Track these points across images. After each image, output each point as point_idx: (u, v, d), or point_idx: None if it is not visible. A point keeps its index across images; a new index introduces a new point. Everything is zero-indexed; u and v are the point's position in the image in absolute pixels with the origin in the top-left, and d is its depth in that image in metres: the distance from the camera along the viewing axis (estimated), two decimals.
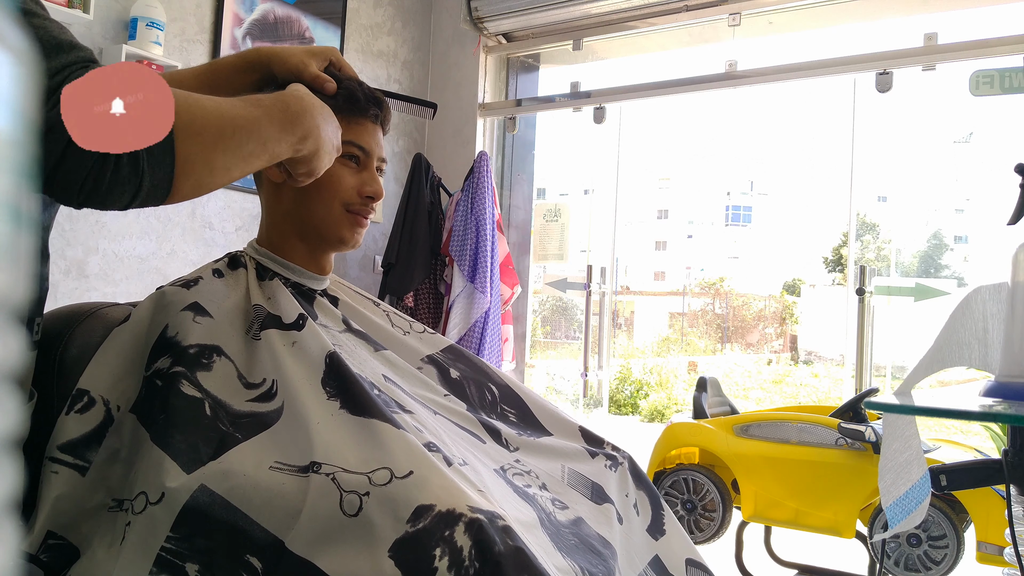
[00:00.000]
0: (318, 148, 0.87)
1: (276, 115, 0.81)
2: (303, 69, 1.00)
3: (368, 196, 1.03)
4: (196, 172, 0.71)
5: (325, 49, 1.05)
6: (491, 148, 3.59)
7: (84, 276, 2.44)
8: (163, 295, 0.95)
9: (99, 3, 2.41)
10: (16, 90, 0.22)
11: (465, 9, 3.45)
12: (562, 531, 0.91)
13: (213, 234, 2.79)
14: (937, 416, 0.96)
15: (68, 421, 0.87)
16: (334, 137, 0.91)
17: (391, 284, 3.12)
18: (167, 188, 0.70)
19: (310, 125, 0.85)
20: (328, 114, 0.90)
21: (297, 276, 1.05)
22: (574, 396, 8.36)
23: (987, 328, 1.05)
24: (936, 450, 2.55)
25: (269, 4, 2.95)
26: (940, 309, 3.37)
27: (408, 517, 0.75)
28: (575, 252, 3.71)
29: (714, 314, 18.92)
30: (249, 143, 0.77)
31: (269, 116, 0.80)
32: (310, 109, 0.86)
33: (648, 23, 3.22)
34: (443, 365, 1.12)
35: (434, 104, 1.26)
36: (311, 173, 0.90)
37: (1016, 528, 0.99)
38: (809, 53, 2.88)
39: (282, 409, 0.87)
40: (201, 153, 0.71)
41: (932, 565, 2.44)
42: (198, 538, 0.78)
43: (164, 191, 0.70)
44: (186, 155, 0.70)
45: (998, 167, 26.08)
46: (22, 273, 0.22)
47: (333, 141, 0.91)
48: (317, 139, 0.86)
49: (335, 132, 0.91)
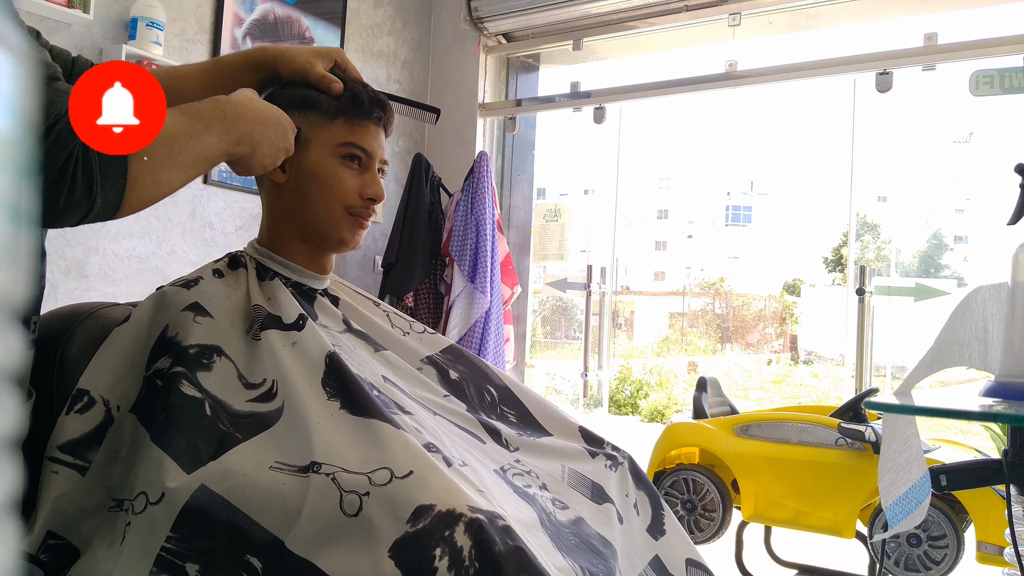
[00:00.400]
0: (254, 150, 0.90)
1: (214, 124, 0.84)
2: (309, 70, 1.01)
3: (369, 198, 1.03)
4: (144, 189, 0.74)
5: (331, 50, 1.06)
6: (491, 148, 3.59)
7: (84, 276, 2.44)
8: (163, 295, 0.95)
9: (99, 3, 2.41)
10: (16, 90, 0.22)
11: (465, 9, 3.45)
12: (562, 531, 0.91)
13: (213, 234, 2.79)
14: (937, 416, 0.96)
15: (68, 421, 0.87)
16: (280, 140, 0.93)
17: (391, 284, 3.12)
18: (116, 207, 0.73)
19: (243, 131, 0.87)
20: (270, 117, 0.91)
21: (298, 276, 1.05)
22: (574, 396, 8.36)
23: (987, 328, 1.05)
24: (936, 450, 2.55)
25: (269, 4, 2.95)
26: (940, 309, 3.37)
27: (408, 517, 0.75)
28: (575, 252, 3.71)
29: (714, 314, 18.92)
30: (190, 155, 0.80)
31: (208, 127, 0.83)
32: (244, 115, 0.88)
33: (648, 23, 3.22)
34: (442, 366, 1.12)
35: (437, 110, 1.26)
36: (249, 171, 0.93)
37: (1016, 528, 0.99)
38: (809, 53, 2.88)
39: (282, 409, 0.87)
40: (149, 172, 0.74)
41: (932, 565, 2.44)
42: (198, 538, 0.78)
43: (113, 210, 0.73)
44: (136, 175, 0.73)
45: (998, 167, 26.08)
46: (22, 273, 0.22)
47: (278, 143, 0.93)
48: (252, 143, 0.89)
49: (283, 134, 0.93)
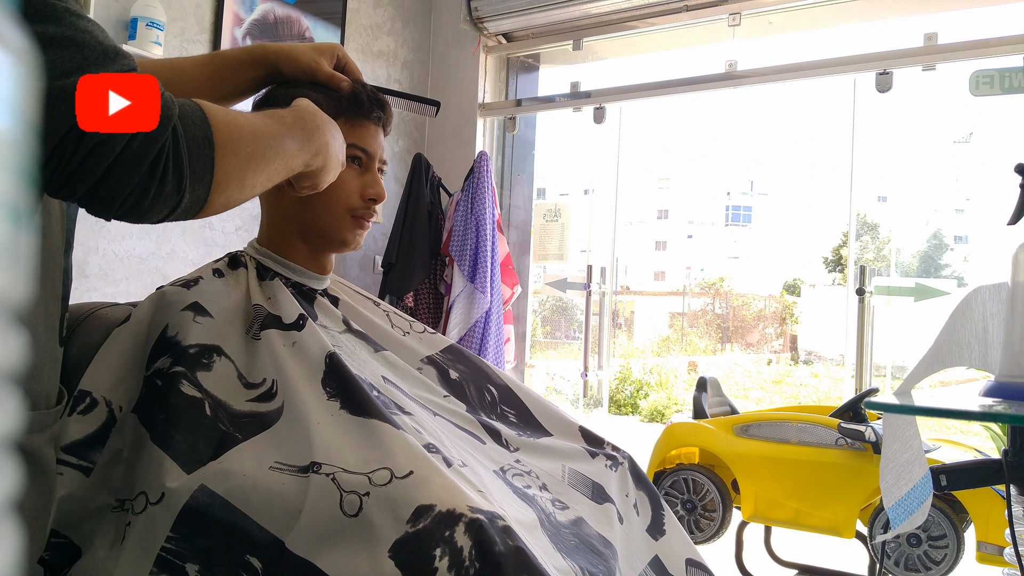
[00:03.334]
0: (326, 163, 0.88)
1: (296, 132, 0.82)
2: (316, 68, 1.00)
3: (371, 199, 1.03)
4: (230, 189, 0.72)
5: (332, 46, 1.04)
6: (491, 148, 3.59)
7: (84, 276, 2.44)
8: (163, 295, 0.95)
9: (99, 3, 2.41)
10: (16, 90, 0.22)
11: (465, 9, 3.45)
12: (562, 531, 0.91)
13: (213, 234, 2.80)
14: (937, 416, 0.96)
15: (71, 422, 0.87)
16: (340, 153, 0.91)
17: (391, 284, 3.12)
18: (202, 204, 0.70)
19: (321, 142, 0.86)
20: (336, 130, 0.90)
21: (298, 276, 1.05)
22: (574, 396, 8.36)
23: (987, 328, 1.05)
24: (936, 450, 2.55)
25: (269, 4, 2.95)
26: (940, 309, 3.37)
27: (408, 517, 0.75)
28: (575, 252, 3.71)
29: (714, 314, 18.92)
30: (275, 161, 0.78)
31: (291, 133, 0.81)
32: (322, 125, 0.86)
33: (648, 23, 3.22)
34: (442, 366, 1.11)
35: (437, 102, 1.24)
36: (315, 187, 0.91)
37: (1016, 528, 0.99)
38: (809, 53, 2.88)
39: (282, 409, 0.87)
40: (236, 171, 0.72)
41: (932, 565, 2.44)
42: (198, 538, 0.78)
43: (199, 207, 0.70)
44: (224, 172, 0.70)
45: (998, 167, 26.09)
46: (22, 273, 0.22)
47: (339, 157, 0.91)
48: (327, 155, 0.87)
49: (341, 147, 0.92)
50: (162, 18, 2.51)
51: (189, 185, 0.67)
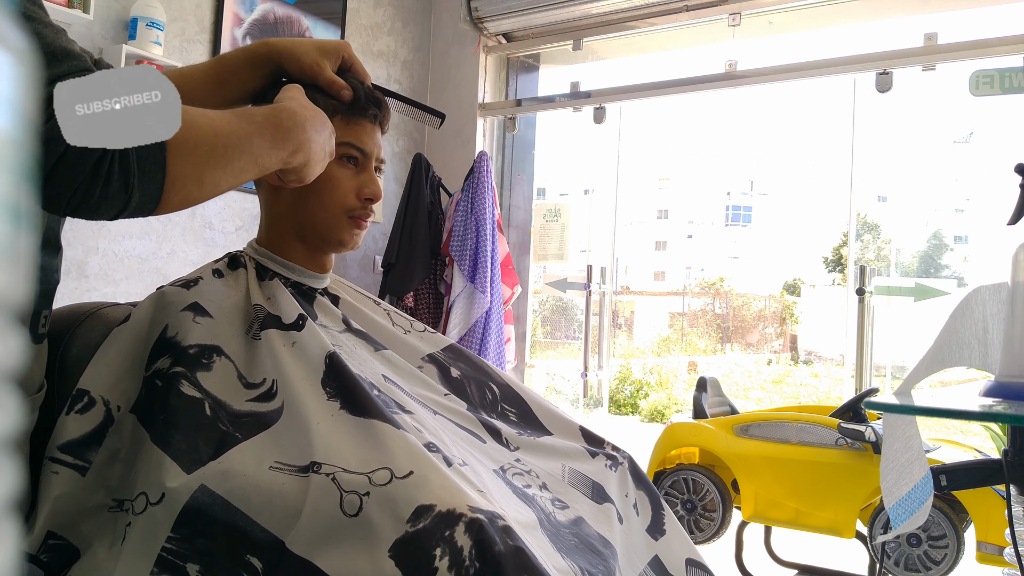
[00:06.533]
0: (308, 160, 0.87)
1: (268, 131, 0.82)
2: (318, 72, 0.99)
3: (367, 198, 1.03)
4: (186, 188, 0.72)
5: (338, 45, 1.03)
6: (491, 148, 3.59)
7: (84, 276, 2.44)
8: (163, 295, 0.95)
9: (99, 3, 2.40)
10: (16, 90, 0.22)
11: (465, 9, 3.45)
12: (562, 531, 0.91)
13: (213, 234, 2.80)
14: (937, 416, 0.96)
15: (68, 421, 0.87)
16: (327, 144, 0.91)
17: (391, 284, 3.12)
18: (155, 202, 0.71)
19: (301, 139, 0.85)
20: (321, 123, 0.89)
21: (297, 275, 1.04)
22: (574, 396, 8.35)
23: (987, 328, 1.05)
24: (936, 450, 2.55)
25: (269, 4, 2.95)
26: (940, 309, 3.37)
27: (408, 517, 0.75)
28: (575, 252, 3.71)
29: (714, 314, 18.92)
30: (240, 159, 0.78)
31: (261, 132, 0.81)
32: (301, 123, 0.86)
33: (648, 23, 3.22)
34: (443, 364, 1.11)
35: (443, 115, 1.21)
36: (300, 181, 0.91)
37: (1016, 528, 0.99)
38: (809, 53, 2.88)
39: (282, 409, 0.87)
40: (192, 170, 0.72)
41: (932, 565, 2.44)
42: (198, 538, 0.78)
43: (152, 205, 0.71)
44: (177, 171, 0.70)
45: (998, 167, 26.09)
46: (22, 273, 0.22)
47: (325, 148, 0.91)
48: (307, 152, 0.87)
49: (328, 139, 0.91)
50: (162, 18, 2.51)
51: (138, 184, 0.67)
